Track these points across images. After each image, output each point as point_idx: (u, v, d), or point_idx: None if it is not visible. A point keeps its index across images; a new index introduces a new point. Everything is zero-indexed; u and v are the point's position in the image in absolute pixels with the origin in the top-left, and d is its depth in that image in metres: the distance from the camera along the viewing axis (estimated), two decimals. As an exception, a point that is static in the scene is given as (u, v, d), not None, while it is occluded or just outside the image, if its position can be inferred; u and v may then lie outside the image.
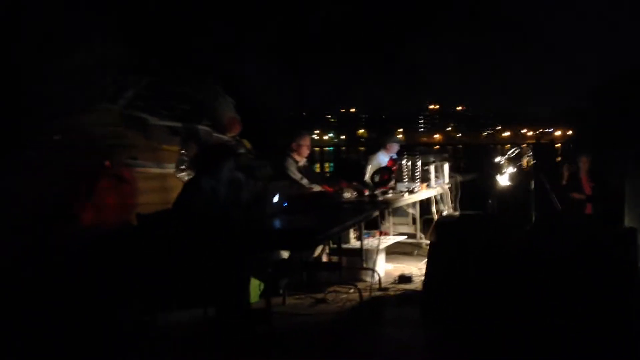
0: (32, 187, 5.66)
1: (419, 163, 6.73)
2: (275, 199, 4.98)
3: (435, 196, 7.13)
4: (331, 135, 77.29)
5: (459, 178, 8.05)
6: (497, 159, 6.27)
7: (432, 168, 6.97)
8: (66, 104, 6.30)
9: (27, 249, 5.48)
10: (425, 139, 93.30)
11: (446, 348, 4.49)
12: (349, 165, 19.05)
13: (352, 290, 5.72)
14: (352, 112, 73.76)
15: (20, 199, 5.55)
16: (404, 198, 6.24)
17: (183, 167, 7.28)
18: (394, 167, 6.46)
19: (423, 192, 6.66)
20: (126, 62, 7.31)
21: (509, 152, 6.38)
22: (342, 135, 74.39)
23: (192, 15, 9.45)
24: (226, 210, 4.95)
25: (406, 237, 7.19)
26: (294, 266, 5.87)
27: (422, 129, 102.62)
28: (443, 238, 5.51)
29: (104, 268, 5.11)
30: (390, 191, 6.38)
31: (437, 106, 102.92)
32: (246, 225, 4.84)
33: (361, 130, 72.27)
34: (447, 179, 7.38)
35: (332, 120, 76.00)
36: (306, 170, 7.24)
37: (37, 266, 5.22)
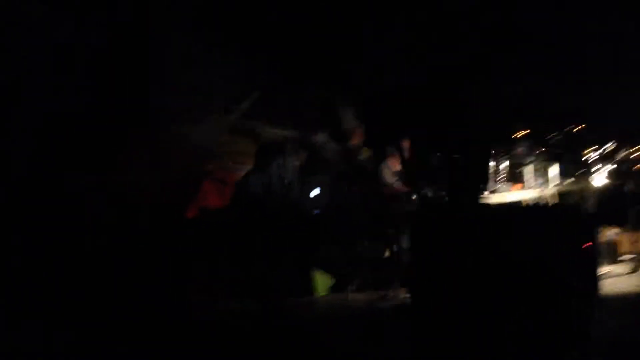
0: (138, 188, 6.46)
1: (506, 163, 6.45)
2: (314, 193, 5.20)
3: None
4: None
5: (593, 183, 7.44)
6: (589, 156, 5.83)
7: (529, 169, 6.62)
8: (182, 115, 7.08)
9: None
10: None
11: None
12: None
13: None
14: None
15: (125, 197, 6.35)
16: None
17: (291, 172, 7.78)
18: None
19: (510, 194, 6.36)
20: (244, 74, 7.99)
21: (604, 147, 5.91)
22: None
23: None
24: (278, 204, 5.31)
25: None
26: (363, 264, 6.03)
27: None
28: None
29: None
30: (471, 191, 6.23)
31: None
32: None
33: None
34: (556, 182, 6.92)
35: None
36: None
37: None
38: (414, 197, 6.04)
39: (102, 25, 6.35)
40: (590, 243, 5.39)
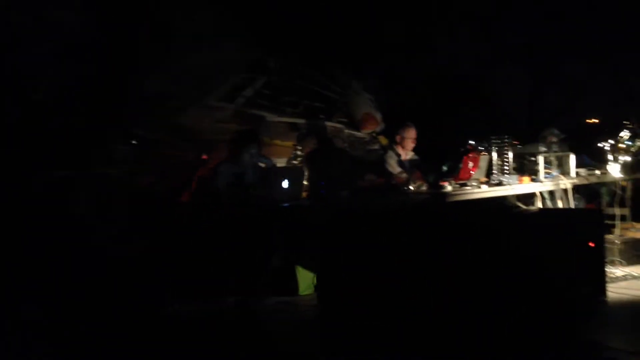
0: (127, 179, 6.24)
1: (510, 154, 5.92)
2: (285, 184, 4.85)
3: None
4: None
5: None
6: (602, 144, 5.31)
7: (540, 159, 6.07)
8: (178, 101, 6.81)
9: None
10: None
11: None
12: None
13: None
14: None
15: (115, 190, 6.12)
16: (470, 191, 5.53)
17: (295, 162, 7.44)
18: (473, 157, 5.76)
19: (517, 187, 5.82)
20: (252, 61, 7.67)
21: (620, 135, 5.35)
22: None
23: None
24: (250, 195, 5.01)
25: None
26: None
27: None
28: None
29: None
30: (472, 183, 5.73)
31: None
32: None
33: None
34: (572, 173, 6.35)
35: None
36: (411, 164, 6.89)
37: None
38: (413, 188, 5.59)
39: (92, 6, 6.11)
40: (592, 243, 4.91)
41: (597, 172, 6.71)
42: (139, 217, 5.84)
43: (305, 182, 7.37)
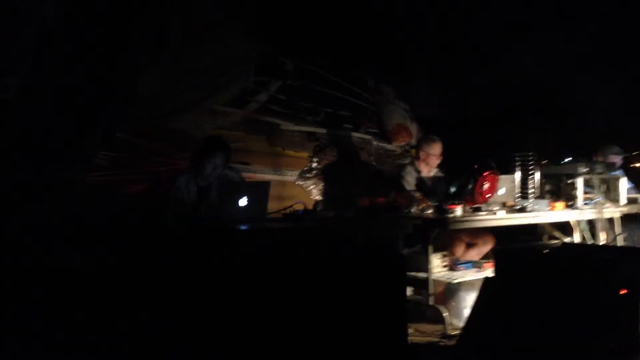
0: (102, 187, 5.67)
1: (537, 175, 4.91)
2: (243, 202, 4.06)
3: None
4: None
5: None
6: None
7: (578, 182, 5.02)
8: (172, 103, 6.17)
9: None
10: None
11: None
12: None
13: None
14: None
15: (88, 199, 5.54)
16: (483, 218, 4.56)
17: (309, 175, 6.70)
18: (490, 177, 4.78)
19: (545, 214, 4.81)
20: (266, 61, 6.94)
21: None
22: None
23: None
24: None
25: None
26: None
27: None
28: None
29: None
30: (493, 207, 4.78)
31: None
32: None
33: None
34: (622, 200, 5.27)
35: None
36: (434, 182, 6.00)
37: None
38: (414, 211, 4.73)
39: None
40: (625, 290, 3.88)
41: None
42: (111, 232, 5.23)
43: (318, 198, 6.68)
